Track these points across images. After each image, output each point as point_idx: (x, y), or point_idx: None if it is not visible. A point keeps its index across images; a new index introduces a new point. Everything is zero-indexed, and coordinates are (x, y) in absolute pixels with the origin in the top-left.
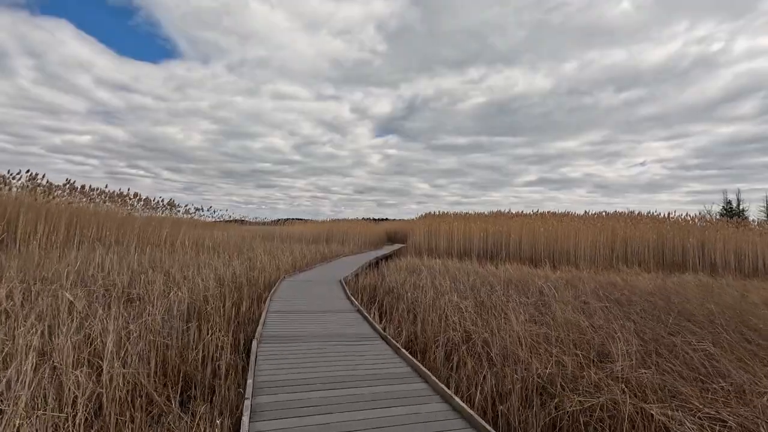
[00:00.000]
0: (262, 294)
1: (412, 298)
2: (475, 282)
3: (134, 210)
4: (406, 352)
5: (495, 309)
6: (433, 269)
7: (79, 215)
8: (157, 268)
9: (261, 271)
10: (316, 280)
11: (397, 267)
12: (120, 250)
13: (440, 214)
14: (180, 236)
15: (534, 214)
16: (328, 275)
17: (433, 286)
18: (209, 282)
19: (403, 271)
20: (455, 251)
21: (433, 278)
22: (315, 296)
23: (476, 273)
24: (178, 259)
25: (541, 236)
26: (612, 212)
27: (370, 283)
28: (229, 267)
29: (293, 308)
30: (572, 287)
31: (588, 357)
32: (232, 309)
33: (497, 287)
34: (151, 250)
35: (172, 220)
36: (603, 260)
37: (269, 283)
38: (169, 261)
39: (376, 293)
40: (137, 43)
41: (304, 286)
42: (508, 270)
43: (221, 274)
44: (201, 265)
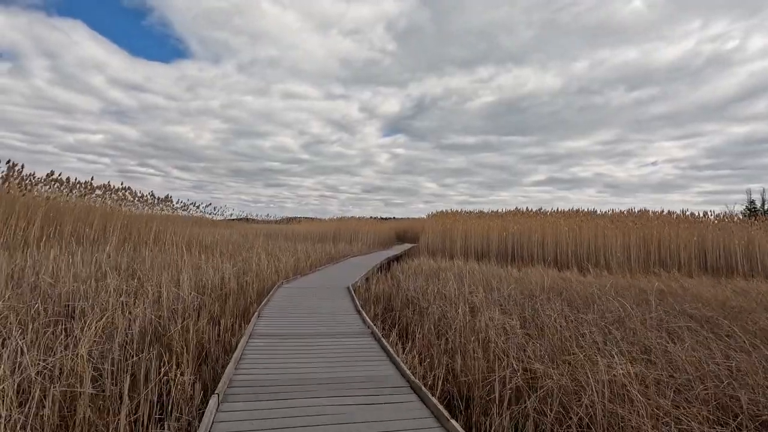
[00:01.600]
0: (251, 306)
1: (439, 314)
2: (511, 290)
3: (124, 204)
4: (456, 424)
5: (559, 333)
6: (459, 273)
7: (58, 210)
8: (126, 273)
9: (256, 275)
10: (320, 286)
11: (412, 270)
12: (94, 250)
13: (453, 212)
14: (170, 234)
15: (556, 212)
16: (334, 280)
17: (461, 294)
18: (185, 290)
19: (420, 276)
20: (472, 252)
21: (460, 284)
22: (316, 310)
23: (507, 278)
24: (158, 261)
25: (564, 236)
26: (639, 210)
27: (383, 290)
28: (219, 270)
29: (285, 330)
30: (626, 296)
31: None
32: (207, 329)
33: (539, 296)
34: (133, 250)
35: (163, 216)
36: (638, 263)
37: (264, 290)
38: (151, 262)
39: (392, 305)
40: (150, 43)
41: (304, 296)
42: (535, 273)
43: (206, 280)
44: (187, 267)
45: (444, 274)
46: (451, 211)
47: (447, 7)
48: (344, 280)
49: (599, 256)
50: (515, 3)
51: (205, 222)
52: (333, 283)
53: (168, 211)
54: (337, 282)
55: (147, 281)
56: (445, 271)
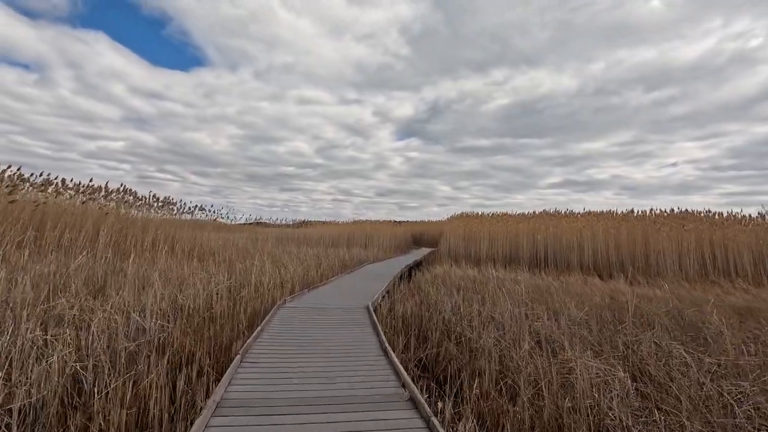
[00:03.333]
0: (238, 338)
1: (497, 352)
2: (571, 309)
3: (118, 207)
4: None
5: (697, 397)
6: (495, 284)
7: (44, 214)
8: (90, 289)
9: (255, 289)
10: (331, 305)
11: (439, 279)
12: (73, 258)
13: (476, 214)
14: (171, 239)
15: (588, 213)
16: (349, 296)
17: (518, 319)
18: (154, 314)
19: (449, 287)
20: (499, 257)
21: (504, 300)
22: (324, 350)
23: (557, 292)
24: (141, 273)
25: (601, 239)
26: (682, 211)
27: (411, 311)
28: (210, 284)
29: (274, 393)
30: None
31: None
32: (156, 386)
33: (618, 321)
34: (121, 257)
35: (169, 221)
36: (695, 270)
37: (261, 310)
38: (134, 273)
39: (425, 332)
40: (169, 52)
41: (310, 322)
42: (577, 283)
43: (189, 299)
44: (172, 281)
45: (480, 286)
46: (473, 213)
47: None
48: (361, 297)
49: (645, 262)
50: (529, 4)
51: (216, 226)
52: (348, 300)
53: (167, 214)
54: (353, 299)
55: (106, 303)
56: (481, 283)
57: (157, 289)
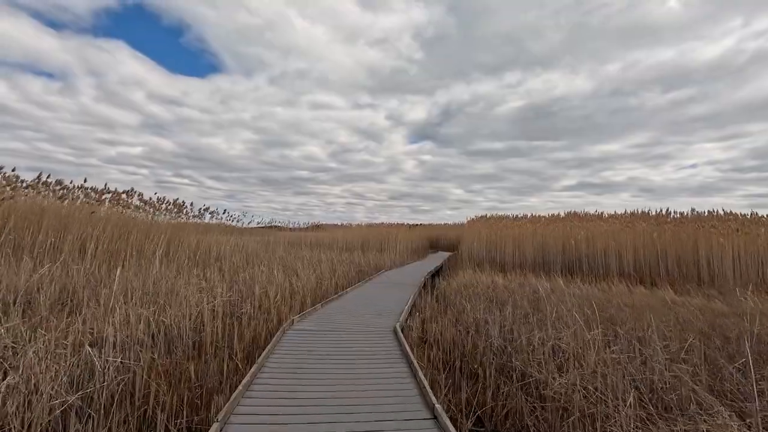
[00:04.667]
0: (225, 386)
1: (589, 410)
2: (668, 333)
3: (123, 209)
4: None
5: None
6: (534, 295)
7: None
8: (48, 306)
9: (259, 306)
10: (349, 327)
11: (470, 290)
12: (40, 265)
13: (498, 216)
14: (170, 243)
15: (622, 214)
16: (370, 313)
17: (598, 352)
18: (109, 350)
19: (481, 298)
20: (528, 263)
21: (570, 319)
22: (342, 401)
23: (618, 305)
24: (118, 288)
25: (641, 242)
26: (726, 213)
27: (447, 332)
28: (205, 298)
29: None
30: None
31: None
32: None
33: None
34: (109, 265)
35: (175, 224)
36: (760, 279)
37: (264, 333)
38: (116, 285)
39: (473, 366)
40: (187, 59)
41: (324, 353)
42: (620, 293)
43: (174, 321)
44: (158, 296)
45: (518, 297)
46: (495, 216)
47: (473, 13)
48: (385, 314)
49: (696, 269)
50: (542, 6)
51: (227, 229)
52: (369, 319)
53: (175, 218)
54: (375, 317)
55: (65, 324)
56: (517, 293)
57: (131, 308)
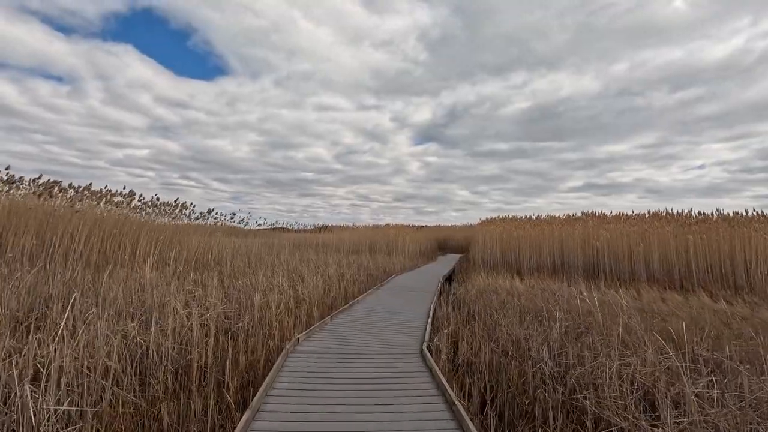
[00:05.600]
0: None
1: None
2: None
3: (118, 209)
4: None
5: None
6: (571, 305)
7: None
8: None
9: (259, 316)
10: (365, 347)
11: (494, 298)
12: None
13: (512, 218)
14: (170, 244)
15: (653, 215)
16: (388, 328)
17: (681, 386)
18: (52, 387)
19: (514, 310)
20: (545, 267)
21: (630, 337)
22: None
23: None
24: (111, 295)
25: (672, 245)
26: (758, 214)
27: (485, 356)
28: (195, 312)
29: None
30: None
31: None
32: None
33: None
34: (100, 269)
35: (175, 226)
36: None
37: (263, 358)
38: (97, 296)
39: (524, 401)
40: (193, 62)
41: (335, 385)
42: (654, 300)
43: (153, 344)
44: (141, 310)
45: (550, 306)
46: (509, 217)
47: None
48: (405, 329)
49: (732, 273)
50: (548, 7)
51: (230, 231)
52: (388, 336)
53: (172, 219)
54: (395, 333)
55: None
56: (547, 301)
57: (106, 324)
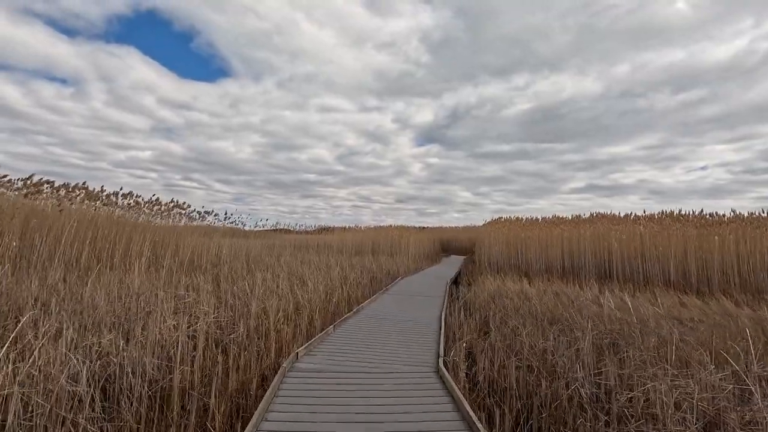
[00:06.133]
0: None
1: None
2: None
3: (110, 209)
4: None
5: None
6: (603, 313)
7: None
8: None
9: (256, 325)
10: (374, 364)
11: (507, 303)
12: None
13: (519, 218)
14: (165, 246)
15: (668, 215)
16: (399, 339)
17: None
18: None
19: (543, 322)
20: (555, 269)
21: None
22: None
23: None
24: (92, 302)
25: (691, 247)
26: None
27: (504, 371)
28: (183, 322)
29: None
30: None
31: None
32: None
33: None
34: (88, 272)
35: (163, 227)
36: None
37: (257, 375)
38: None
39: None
40: (197, 64)
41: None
42: (672, 305)
43: (127, 360)
44: (123, 320)
45: (570, 312)
46: (515, 218)
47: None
48: (417, 341)
49: (752, 277)
50: (550, 8)
51: (230, 232)
52: (398, 349)
53: (168, 219)
54: (405, 346)
55: None
56: (592, 314)
57: (67, 343)
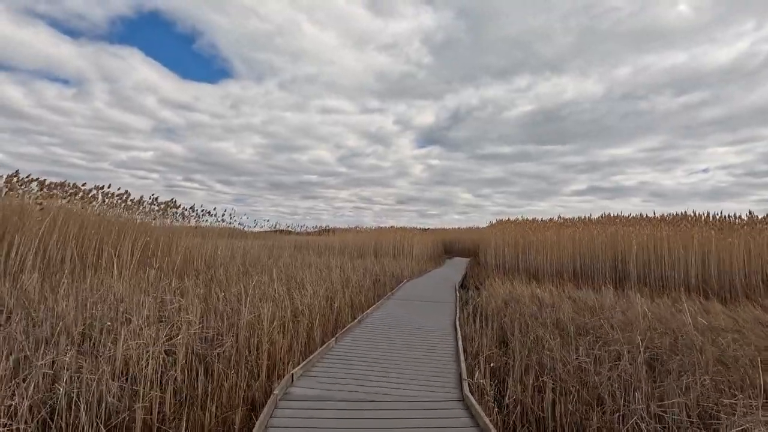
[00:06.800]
0: None
1: None
2: None
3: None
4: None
5: None
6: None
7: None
8: None
9: (247, 336)
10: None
11: (524, 310)
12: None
13: (526, 220)
14: (157, 246)
15: (684, 217)
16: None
17: None
18: None
19: (572, 332)
20: (569, 273)
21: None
22: None
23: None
24: (59, 311)
25: (714, 250)
26: None
27: (539, 397)
28: (166, 329)
29: None
30: None
31: None
32: None
33: None
34: (66, 275)
35: (152, 227)
36: None
37: (244, 411)
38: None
39: None
40: (199, 65)
41: None
42: (696, 311)
43: (87, 383)
44: (89, 333)
45: (622, 327)
46: (524, 219)
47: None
48: (432, 359)
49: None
50: (552, 10)
51: (228, 233)
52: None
53: (160, 219)
54: (419, 365)
55: None
56: (620, 323)
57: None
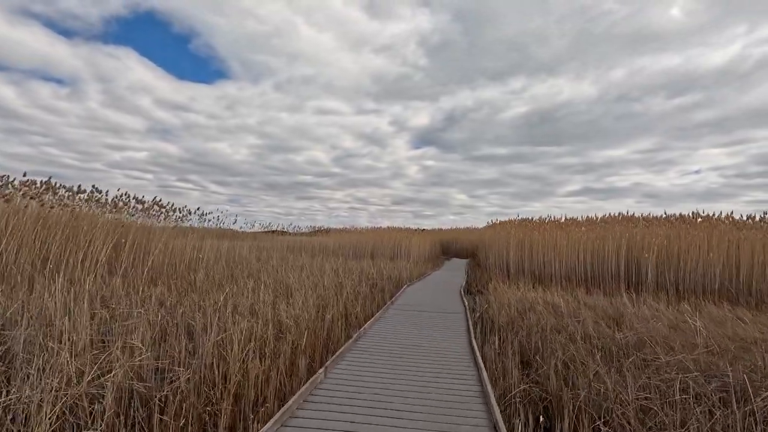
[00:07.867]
0: None
1: None
2: None
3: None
4: None
5: None
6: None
7: None
8: None
9: (218, 361)
10: None
11: (544, 322)
12: None
13: (528, 220)
14: (137, 249)
15: (699, 217)
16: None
17: None
18: None
19: (616, 355)
20: (578, 276)
21: None
22: None
23: None
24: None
25: (744, 252)
26: None
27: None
28: (104, 359)
29: None
30: None
31: None
32: None
33: None
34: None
35: (136, 227)
36: None
37: None
38: None
39: None
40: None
41: None
42: (733, 324)
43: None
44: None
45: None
46: (530, 219)
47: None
48: (451, 398)
49: None
50: (547, 13)
51: (221, 234)
52: (424, 417)
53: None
54: (435, 409)
55: None
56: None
57: None
